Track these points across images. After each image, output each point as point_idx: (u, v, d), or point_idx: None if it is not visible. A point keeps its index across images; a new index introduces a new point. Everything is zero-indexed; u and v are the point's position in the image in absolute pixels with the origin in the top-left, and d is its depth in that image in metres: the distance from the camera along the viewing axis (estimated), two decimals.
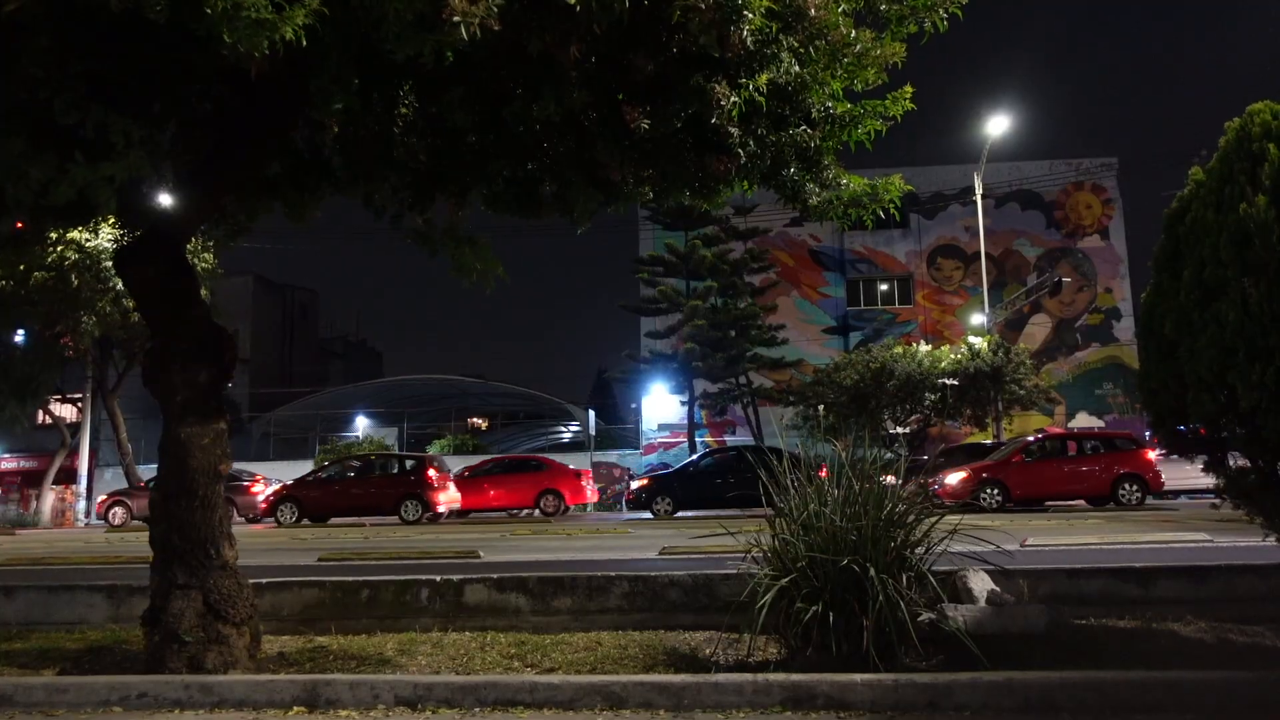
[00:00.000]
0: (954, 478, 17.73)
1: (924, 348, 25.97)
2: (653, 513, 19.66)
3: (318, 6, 3.13)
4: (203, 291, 8.02)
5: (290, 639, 5.39)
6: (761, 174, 4.94)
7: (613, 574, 5.71)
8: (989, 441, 23.48)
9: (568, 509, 22.16)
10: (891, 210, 5.41)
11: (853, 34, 4.58)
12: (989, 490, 17.50)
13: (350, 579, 5.88)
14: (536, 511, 21.97)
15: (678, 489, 20.10)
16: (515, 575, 5.79)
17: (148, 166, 3.95)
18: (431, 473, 19.85)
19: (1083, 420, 33.55)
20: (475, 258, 5.47)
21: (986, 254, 28.27)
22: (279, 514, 19.91)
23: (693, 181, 4.94)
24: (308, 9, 3.10)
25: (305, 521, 19.50)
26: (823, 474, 4.77)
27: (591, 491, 23.10)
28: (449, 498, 20.35)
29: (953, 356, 24.99)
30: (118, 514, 23.57)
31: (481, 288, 5.63)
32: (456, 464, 31.23)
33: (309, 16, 3.10)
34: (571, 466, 23.50)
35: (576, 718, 3.81)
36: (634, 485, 20.69)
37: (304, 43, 3.12)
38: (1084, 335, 35.29)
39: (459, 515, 22.09)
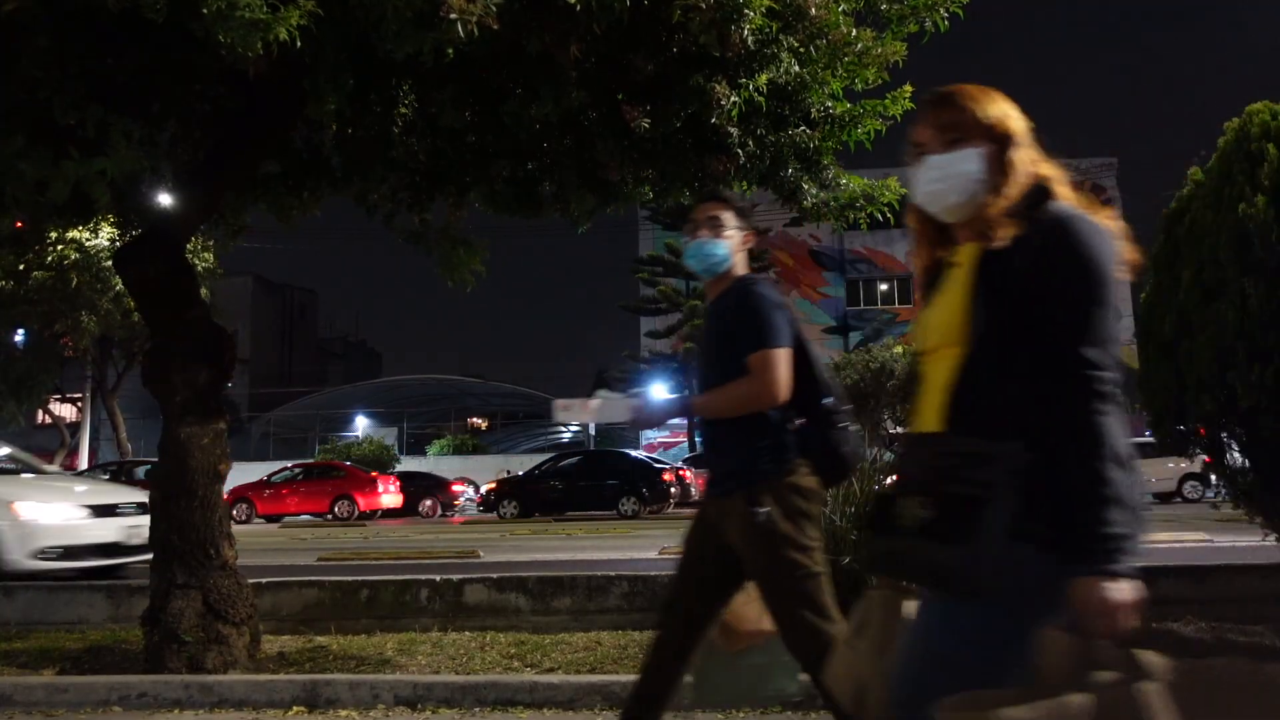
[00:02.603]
0: None
1: None
2: (498, 515, 20.05)
3: (313, 8, 3.13)
4: (203, 291, 8.03)
5: (290, 639, 5.39)
6: (760, 174, 4.92)
7: (612, 574, 5.71)
8: None
9: (369, 514, 22.20)
10: (888, 213, 5.40)
11: (853, 33, 4.57)
12: None
13: (350, 579, 5.88)
14: (330, 516, 22.01)
15: (524, 493, 20.51)
16: (515, 575, 5.80)
17: (143, 161, 3.93)
18: None
19: None
20: (467, 259, 5.46)
21: None
22: None
23: (692, 181, 4.93)
24: (302, 10, 3.09)
25: None
26: None
27: (391, 496, 22.98)
28: None
29: None
30: None
31: (479, 284, 5.63)
32: (456, 465, 31.28)
33: (304, 18, 3.10)
34: (371, 473, 23.52)
35: (576, 717, 3.81)
36: (483, 489, 20.90)
37: (298, 44, 3.11)
38: None
39: (271, 520, 22.08)
